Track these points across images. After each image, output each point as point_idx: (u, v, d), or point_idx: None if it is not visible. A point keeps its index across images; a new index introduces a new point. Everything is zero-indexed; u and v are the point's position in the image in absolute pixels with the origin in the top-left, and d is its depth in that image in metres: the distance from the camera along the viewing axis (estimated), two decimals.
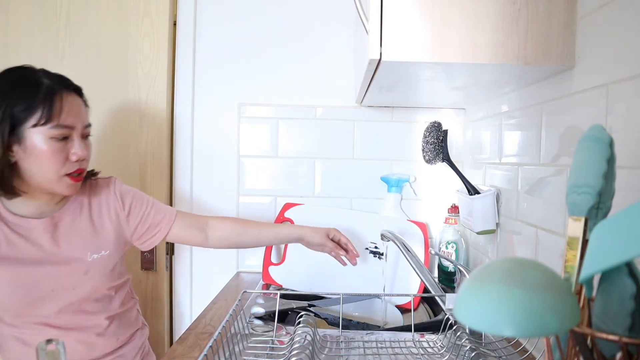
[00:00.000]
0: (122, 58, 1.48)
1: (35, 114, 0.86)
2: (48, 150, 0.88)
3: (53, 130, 0.88)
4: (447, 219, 1.35)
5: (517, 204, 1.00)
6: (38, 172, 0.89)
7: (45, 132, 0.87)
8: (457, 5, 0.76)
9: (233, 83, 1.48)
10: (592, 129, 0.45)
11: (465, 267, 1.07)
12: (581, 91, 0.75)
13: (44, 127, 0.87)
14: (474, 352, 0.80)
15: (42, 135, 0.87)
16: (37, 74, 0.91)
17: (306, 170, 1.48)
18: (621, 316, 0.37)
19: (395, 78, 0.96)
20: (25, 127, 0.86)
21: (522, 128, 0.99)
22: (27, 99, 0.86)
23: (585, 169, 0.43)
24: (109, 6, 1.48)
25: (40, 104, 0.87)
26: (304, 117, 1.47)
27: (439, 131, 1.25)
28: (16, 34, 1.48)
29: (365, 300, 1.26)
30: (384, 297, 1.23)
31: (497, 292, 0.35)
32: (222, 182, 1.49)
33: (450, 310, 0.91)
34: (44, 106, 0.87)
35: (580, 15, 0.75)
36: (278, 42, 1.47)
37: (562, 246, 0.79)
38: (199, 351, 0.83)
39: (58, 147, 0.89)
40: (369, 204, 1.48)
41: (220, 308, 1.09)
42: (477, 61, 0.77)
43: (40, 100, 0.87)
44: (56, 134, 0.88)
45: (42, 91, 0.88)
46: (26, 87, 0.88)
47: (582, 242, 0.42)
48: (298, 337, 0.83)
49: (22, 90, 0.87)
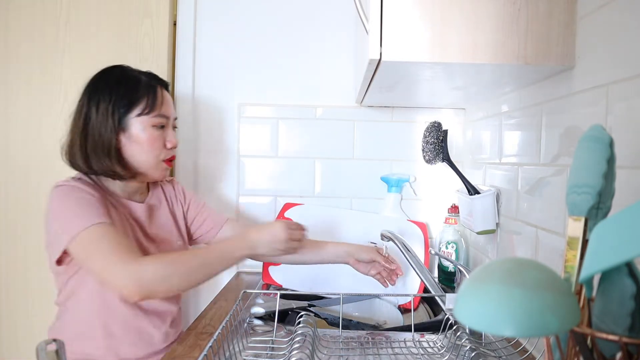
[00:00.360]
0: (122, 58, 1.47)
1: (139, 105, 0.98)
2: (150, 137, 0.99)
3: (154, 119, 0.99)
4: (447, 219, 1.35)
5: (517, 204, 1.00)
6: (140, 157, 0.99)
7: (147, 120, 0.98)
8: (457, 5, 0.76)
9: (233, 83, 1.48)
10: (592, 129, 0.45)
11: (465, 267, 1.07)
12: (581, 91, 0.74)
13: (146, 117, 0.98)
14: (474, 352, 0.80)
15: (145, 124, 0.98)
16: (133, 71, 1.03)
17: (306, 170, 1.48)
18: (621, 316, 0.37)
19: (395, 78, 0.96)
20: (130, 116, 0.97)
21: (522, 128, 0.99)
22: (131, 92, 0.98)
23: (585, 169, 0.43)
24: (109, 6, 1.48)
25: (144, 95, 0.98)
26: (304, 117, 1.47)
27: (439, 131, 1.25)
28: (16, 34, 1.48)
29: (365, 300, 1.26)
30: (383, 297, 1.23)
31: (497, 292, 0.35)
32: (222, 182, 1.49)
33: (450, 310, 0.91)
34: (147, 98, 0.99)
35: (580, 15, 0.75)
36: (278, 42, 1.47)
37: (562, 246, 0.79)
38: (199, 351, 0.83)
39: (157, 135, 1.00)
40: (369, 204, 1.48)
41: (220, 308, 1.09)
42: (477, 61, 0.77)
43: (144, 92, 0.99)
44: (156, 122, 1.00)
45: (143, 85, 0.99)
46: (129, 82, 0.99)
47: (582, 242, 0.42)
48: (298, 337, 0.83)
49: (126, 85, 0.98)
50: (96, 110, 0.96)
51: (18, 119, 1.51)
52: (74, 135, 0.97)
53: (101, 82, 0.99)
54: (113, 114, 0.96)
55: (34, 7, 1.48)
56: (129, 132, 0.97)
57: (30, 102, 1.51)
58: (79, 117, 0.97)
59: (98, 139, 0.95)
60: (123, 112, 0.97)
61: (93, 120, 0.96)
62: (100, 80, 0.99)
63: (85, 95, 0.99)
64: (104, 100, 0.96)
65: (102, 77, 1.00)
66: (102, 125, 0.95)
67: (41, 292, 1.53)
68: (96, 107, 0.96)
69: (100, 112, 0.95)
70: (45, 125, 1.51)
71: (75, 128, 0.98)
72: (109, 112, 0.96)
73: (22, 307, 1.53)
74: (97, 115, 0.95)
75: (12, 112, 1.51)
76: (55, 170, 1.51)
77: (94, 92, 0.98)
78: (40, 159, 1.51)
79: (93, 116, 0.96)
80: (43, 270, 1.52)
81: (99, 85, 0.99)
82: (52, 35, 1.48)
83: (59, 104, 1.50)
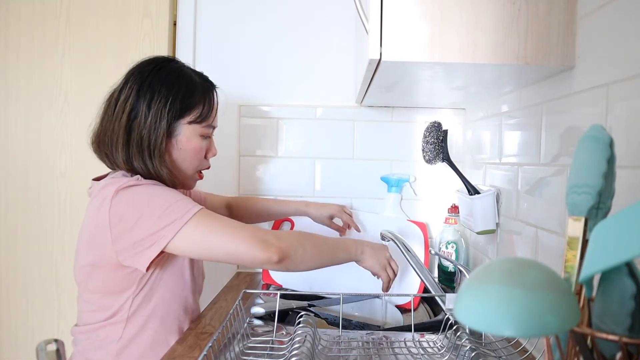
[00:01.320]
0: (122, 58, 1.48)
1: (194, 112, 0.93)
2: (196, 146, 0.94)
3: (204, 129, 0.95)
4: (447, 219, 1.35)
5: (517, 204, 1.00)
6: (181, 164, 0.94)
7: (197, 129, 0.94)
8: (457, 5, 0.76)
9: (233, 83, 1.48)
10: (592, 129, 0.45)
11: (465, 267, 1.07)
12: (581, 91, 0.74)
13: (197, 125, 0.94)
14: (474, 352, 0.80)
15: (194, 132, 0.94)
16: (187, 69, 0.96)
17: (306, 170, 1.48)
18: (621, 316, 0.37)
19: (395, 78, 0.96)
20: (181, 122, 0.92)
21: (522, 128, 0.99)
22: (188, 96, 0.92)
23: (585, 169, 0.43)
24: (109, 6, 1.48)
25: (200, 102, 0.94)
26: (304, 117, 1.47)
27: (439, 131, 1.25)
28: (16, 34, 1.48)
29: (365, 300, 1.26)
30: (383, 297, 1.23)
31: (497, 292, 0.35)
32: (222, 182, 1.48)
33: (450, 310, 0.91)
34: (202, 105, 0.94)
35: (580, 15, 0.75)
36: (278, 42, 1.47)
37: (562, 246, 0.79)
38: (199, 351, 0.83)
39: (202, 145, 0.96)
40: (369, 204, 1.48)
41: (220, 308, 1.09)
42: (477, 61, 0.77)
43: (199, 99, 0.94)
44: (204, 132, 0.96)
45: (199, 90, 0.94)
46: (186, 83, 0.92)
47: (582, 242, 0.42)
48: (298, 337, 0.83)
49: (185, 86, 0.92)
50: (147, 108, 0.88)
51: (18, 119, 1.51)
52: (115, 129, 0.89)
53: (155, 77, 0.90)
54: (166, 116, 0.89)
55: (33, 7, 1.48)
56: (176, 137, 0.92)
57: (30, 102, 1.51)
58: (122, 110, 0.89)
59: (146, 139, 0.88)
60: (176, 117, 0.90)
61: (141, 118, 0.88)
62: (154, 75, 0.91)
63: (132, 86, 0.90)
64: (159, 100, 0.89)
65: (155, 70, 0.91)
66: (152, 126, 0.88)
67: (41, 292, 1.53)
68: (147, 104, 0.88)
69: (152, 112, 0.88)
70: (45, 125, 1.51)
71: (116, 121, 0.89)
72: (162, 114, 0.88)
73: (22, 307, 1.53)
74: (148, 114, 0.88)
75: (11, 112, 1.51)
76: (55, 170, 1.52)
77: (145, 86, 0.89)
78: (40, 159, 1.52)
79: (142, 113, 0.88)
80: (43, 270, 1.53)
81: (152, 80, 0.90)
82: (52, 35, 1.48)
83: (58, 104, 1.51)
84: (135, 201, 0.83)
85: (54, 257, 1.52)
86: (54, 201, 1.51)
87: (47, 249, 1.52)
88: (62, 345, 0.49)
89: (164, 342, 0.92)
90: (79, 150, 1.51)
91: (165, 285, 0.92)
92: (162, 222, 0.81)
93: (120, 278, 0.87)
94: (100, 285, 0.89)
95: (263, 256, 0.82)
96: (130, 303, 0.89)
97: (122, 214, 0.82)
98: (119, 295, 0.89)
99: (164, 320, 0.93)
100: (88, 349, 0.91)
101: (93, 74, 1.48)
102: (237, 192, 1.48)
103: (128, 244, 0.82)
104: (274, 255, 0.82)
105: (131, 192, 0.84)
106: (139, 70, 0.92)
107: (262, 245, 0.82)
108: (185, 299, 0.97)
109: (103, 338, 0.90)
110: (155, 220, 0.81)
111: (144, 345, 0.90)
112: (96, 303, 0.90)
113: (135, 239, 0.82)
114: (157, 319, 0.91)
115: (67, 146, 1.51)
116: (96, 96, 1.56)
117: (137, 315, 0.90)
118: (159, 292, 0.91)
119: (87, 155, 1.58)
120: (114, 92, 0.92)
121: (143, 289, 0.89)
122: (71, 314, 1.52)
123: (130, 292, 0.88)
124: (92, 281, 0.89)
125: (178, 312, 0.95)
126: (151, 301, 0.90)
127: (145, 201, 0.83)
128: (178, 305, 0.95)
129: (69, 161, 1.51)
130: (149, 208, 0.82)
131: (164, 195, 0.85)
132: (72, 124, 1.50)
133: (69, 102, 1.50)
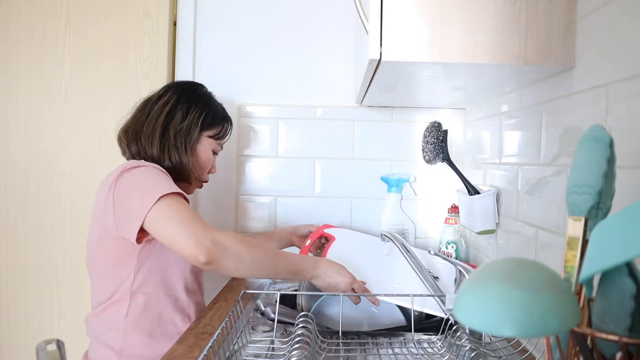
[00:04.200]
0: (122, 58, 1.48)
1: (216, 128, 1.12)
2: (207, 158, 1.11)
3: (217, 145, 1.14)
4: (447, 219, 1.35)
5: (517, 204, 1.00)
6: (192, 170, 1.07)
7: (213, 144, 1.12)
8: (457, 5, 0.76)
9: (233, 83, 1.48)
10: (592, 129, 0.45)
11: (465, 267, 1.07)
12: (581, 91, 0.74)
13: (214, 140, 1.12)
14: (473, 352, 0.80)
15: (209, 145, 1.11)
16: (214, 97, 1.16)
17: (306, 170, 1.48)
18: (621, 316, 0.37)
19: (395, 78, 0.96)
20: (205, 133, 1.09)
21: (522, 128, 0.99)
22: (215, 116, 1.11)
23: (585, 169, 0.43)
24: (109, 6, 1.48)
25: (221, 123, 1.13)
26: (304, 117, 1.47)
27: (439, 131, 1.25)
28: (16, 34, 1.48)
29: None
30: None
31: (497, 292, 0.35)
32: (222, 182, 1.48)
33: (450, 310, 0.91)
34: (222, 126, 1.13)
35: (580, 15, 0.75)
36: (278, 42, 1.47)
37: (562, 246, 0.79)
38: (199, 351, 0.83)
39: (211, 159, 1.13)
40: (369, 204, 1.48)
41: (220, 308, 1.09)
42: (477, 61, 0.77)
43: (221, 120, 1.13)
44: (217, 149, 1.14)
45: (221, 115, 1.14)
46: (215, 106, 1.13)
47: (582, 242, 0.42)
48: (298, 337, 0.83)
49: (214, 108, 1.12)
50: (184, 115, 1.05)
51: (18, 119, 1.51)
52: (152, 125, 1.03)
53: (193, 94, 1.10)
54: (199, 124, 1.07)
55: (33, 7, 1.48)
56: (196, 145, 1.08)
57: (29, 102, 1.51)
58: (160, 112, 1.04)
59: (180, 136, 1.04)
60: (203, 127, 1.08)
61: (177, 121, 1.04)
62: (192, 92, 1.10)
63: (173, 95, 1.07)
64: (195, 110, 1.07)
65: (194, 88, 1.12)
66: (187, 129, 1.05)
67: (41, 292, 1.53)
68: (185, 111, 1.06)
69: (189, 118, 1.06)
70: (45, 125, 1.51)
71: (152, 119, 1.04)
72: (196, 122, 1.06)
73: (22, 307, 1.53)
74: (185, 120, 1.05)
75: (11, 112, 1.51)
76: (55, 170, 1.52)
77: (183, 97, 1.07)
78: (40, 159, 1.52)
79: (178, 118, 1.05)
80: (43, 270, 1.53)
81: (190, 94, 1.09)
82: (52, 35, 1.48)
83: (58, 104, 1.50)
84: (135, 179, 0.94)
85: (54, 257, 1.52)
86: (54, 201, 1.51)
87: (47, 249, 1.52)
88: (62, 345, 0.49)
89: (170, 321, 1.00)
90: (79, 150, 1.51)
91: (164, 262, 0.99)
92: (146, 197, 0.89)
93: (122, 251, 0.95)
94: (104, 258, 0.97)
95: (190, 253, 0.84)
96: (132, 278, 0.96)
97: (124, 189, 0.93)
98: (121, 269, 0.96)
99: (167, 297, 1.00)
100: (100, 332, 0.98)
101: (93, 74, 1.48)
102: (236, 192, 1.48)
103: (123, 215, 0.92)
104: (200, 256, 0.84)
105: (135, 171, 0.95)
106: (179, 84, 1.13)
107: (194, 242, 0.84)
108: (185, 278, 1.03)
109: (111, 317, 0.97)
110: (143, 194, 0.90)
111: (150, 322, 0.98)
112: (102, 280, 0.99)
113: (128, 210, 0.91)
114: (160, 296, 0.99)
115: (67, 146, 1.51)
116: (96, 96, 1.56)
117: (139, 292, 0.97)
118: (158, 268, 0.99)
119: (87, 155, 1.59)
120: (152, 97, 1.09)
121: (144, 264, 0.97)
122: (71, 314, 1.52)
123: (131, 267, 0.96)
124: (98, 255, 0.98)
125: (179, 291, 1.02)
126: (151, 278, 0.98)
127: (142, 178, 0.94)
128: (178, 282, 1.02)
129: (69, 161, 1.51)
130: (143, 184, 0.92)
131: (159, 175, 0.94)
132: (72, 124, 1.50)
133: (69, 102, 1.50)
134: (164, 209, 0.88)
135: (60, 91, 1.50)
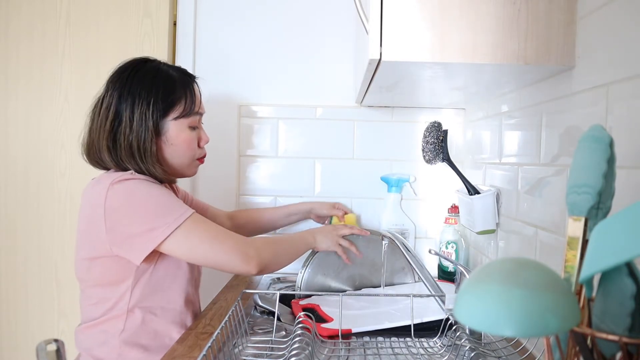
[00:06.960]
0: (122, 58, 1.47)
1: (177, 107, 0.93)
2: (186, 139, 0.96)
3: (191, 120, 0.96)
4: (447, 219, 1.35)
5: (517, 204, 1.00)
6: (177, 159, 0.96)
7: (184, 122, 0.95)
8: (457, 5, 0.76)
9: (233, 83, 1.48)
10: (592, 129, 0.45)
11: (465, 267, 1.07)
12: (581, 91, 0.74)
13: (184, 119, 0.95)
14: (473, 352, 0.80)
15: (181, 126, 0.95)
16: (163, 66, 0.96)
17: (306, 170, 1.48)
18: (621, 316, 0.37)
19: (395, 78, 0.96)
20: (167, 120, 0.93)
21: (522, 128, 0.99)
22: (169, 94, 0.92)
23: (585, 169, 0.43)
24: (108, 6, 1.48)
25: (182, 97, 0.94)
26: (304, 117, 1.47)
27: (439, 131, 1.25)
28: (16, 34, 1.48)
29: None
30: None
31: (497, 292, 0.35)
32: (222, 182, 1.48)
33: (450, 310, 0.91)
34: (185, 99, 0.94)
35: (580, 15, 0.75)
36: (278, 42, 1.47)
37: (562, 246, 0.79)
38: (199, 351, 0.83)
39: (193, 135, 0.97)
40: (369, 204, 1.48)
41: (220, 308, 1.09)
42: (477, 61, 0.77)
43: (180, 93, 0.94)
44: (193, 123, 0.97)
45: (179, 85, 0.94)
46: (164, 81, 0.93)
47: (582, 242, 0.42)
48: (298, 337, 0.83)
49: (163, 85, 0.92)
50: (131, 113, 0.89)
51: (18, 119, 1.51)
52: (101, 137, 0.90)
53: (133, 80, 0.91)
54: (150, 118, 0.90)
55: (33, 7, 1.48)
56: (164, 135, 0.93)
57: (29, 102, 1.51)
58: (106, 118, 0.90)
59: (134, 143, 0.89)
60: (160, 116, 0.91)
61: (126, 123, 0.89)
62: (132, 78, 0.91)
63: (113, 93, 0.90)
64: (140, 103, 0.89)
65: (133, 73, 0.91)
66: (139, 130, 0.89)
67: (41, 292, 1.53)
68: (130, 109, 0.89)
69: (136, 117, 0.89)
70: (44, 126, 1.51)
71: (101, 128, 0.90)
72: (146, 116, 0.89)
73: (22, 307, 1.53)
74: (133, 119, 0.89)
75: (12, 112, 1.51)
76: (55, 170, 1.52)
77: (124, 91, 0.90)
78: (40, 159, 1.52)
79: (126, 119, 0.89)
80: (43, 270, 1.53)
81: (131, 84, 0.90)
82: (52, 35, 1.48)
83: (58, 104, 1.50)
84: (131, 195, 0.86)
85: (54, 257, 1.52)
86: (54, 201, 1.51)
87: (47, 249, 1.52)
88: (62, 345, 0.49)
89: (167, 335, 0.94)
90: (79, 150, 1.51)
91: (163, 276, 0.94)
92: (157, 221, 0.85)
93: (117, 269, 0.89)
94: (99, 276, 0.91)
95: (244, 269, 0.91)
96: (129, 294, 0.91)
97: (117, 205, 0.85)
98: (117, 286, 0.91)
99: (165, 311, 0.95)
100: (92, 346, 0.92)
101: (93, 74, 1.48)
102: (236, 192, 1.48)
103: (122, 236, 0.85)
104: (253, 269, 0.91)
105: (126, 185, 0.86)
106: (117, 76, 0.93)
107: (244, 258, 0.90)
108: (185, 291, 0.99)
109: (105, 333, 0.91)
110: (150, 218, 0.85)
111: (147, 337, 0.92)
112: (96, 296, 0.92)
113: (129, 233, 0.85)
114: (157, 310, 0.94)
115: (67, 146, 1.51)
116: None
117: (137, 307, 0.91)
118: (157, 283, 0.93)
119: None
120: (97, 100, 0.94)
121: (140, 280, 0.91)
122: (71, 314, 1.52)
123: (128, 283, 0.90)
124: (91, 274, 0.92)
125: (178, 304, 0.97)
126: (150, 292, 0.93)
127: (141, 197, 0.86)
128: (178, 296, 0.97)
129: (69, 161, 1.51)
130: (144, 205, 0.86)
131: (160, 194, 0.88)
132: (72, 124, 1.50)
133: (69, 102, 1.50)
134: (186, 234, 0.86)
135: (60, 91, 1.50)
